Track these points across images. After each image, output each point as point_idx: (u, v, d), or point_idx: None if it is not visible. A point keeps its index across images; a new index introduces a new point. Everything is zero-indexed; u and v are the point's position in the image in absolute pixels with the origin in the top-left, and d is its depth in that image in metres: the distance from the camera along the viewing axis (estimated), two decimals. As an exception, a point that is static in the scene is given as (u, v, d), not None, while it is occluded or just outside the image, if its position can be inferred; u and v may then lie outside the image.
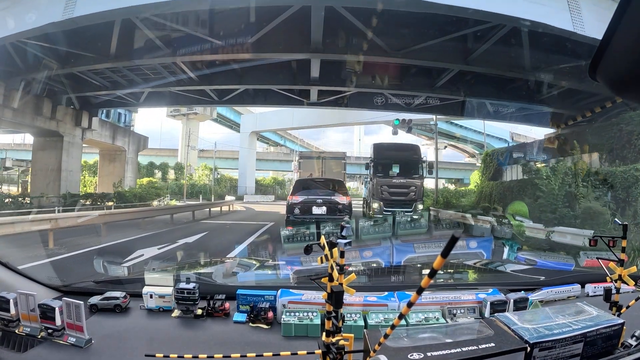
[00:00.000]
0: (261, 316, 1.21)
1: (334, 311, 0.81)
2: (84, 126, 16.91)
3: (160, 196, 22.07)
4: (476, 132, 35.03)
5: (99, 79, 13.82)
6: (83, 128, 17.07)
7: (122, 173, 21.02)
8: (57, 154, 16.07)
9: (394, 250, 2.21)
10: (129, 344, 1.09)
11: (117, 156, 21.44)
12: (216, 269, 2.12)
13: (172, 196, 26.90)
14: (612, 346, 0.93)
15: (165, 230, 10.51)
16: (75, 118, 16.51)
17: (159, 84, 13.78)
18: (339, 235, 0.86)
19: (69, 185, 16.54)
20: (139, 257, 5.38)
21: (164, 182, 32.22)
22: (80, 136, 17.22)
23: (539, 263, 2.04)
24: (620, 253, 1.15)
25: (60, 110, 15.27)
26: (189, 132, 32.75)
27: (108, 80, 13.98)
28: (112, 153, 21.49)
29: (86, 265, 4.14)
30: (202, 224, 12.68)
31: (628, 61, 0.58)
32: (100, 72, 12.98)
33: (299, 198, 8.30)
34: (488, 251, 2.38)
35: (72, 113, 16.28)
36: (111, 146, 20.82)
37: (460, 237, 0.55)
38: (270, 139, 48.28)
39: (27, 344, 1.04)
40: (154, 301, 1.31)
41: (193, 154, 36.21)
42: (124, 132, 21.86)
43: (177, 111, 36.34)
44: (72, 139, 16.65)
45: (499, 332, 0.87)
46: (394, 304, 1.27)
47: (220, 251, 7.53)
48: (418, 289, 0.60)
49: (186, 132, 33.57)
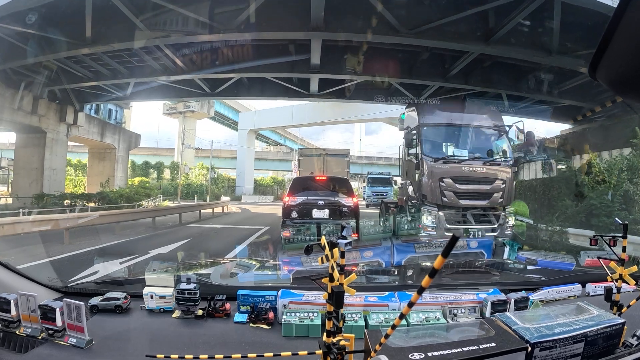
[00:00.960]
0: (262, 316, 1.22)
1: (335, 311, 0.81)
2: (69, 122, 15.75)
3: (151, 197, 20.89)
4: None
5: (80, 68, 12.72)
6: (68, 124, 15.87)
7: (112, 172, 20.00)
8: (40, 152, 15.02)
9: (394, 250, 2.21)
10: (129, 345, 1.09)
11: (106, 154, 20.36)
12: (217, 269, 2.12)
13: (166, 197, 26.04)
14: (613, 346, 0.93)
15: (142, 237, 9.27)
16: (59, 113, 15.43)
17: (144, 72, 12.73)
18: (340, 236, 0.86)
19: (53, 185, 15.40)
20: (92, 274, 4.25)
21: (159, 182, 31.28)
22: (65, 133, 16.06)
23: (540, 263, 2.04)
24: (621, 252, 1.15)
25: (42, 104, 14.23)
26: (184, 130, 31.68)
27: (90, 70, 12.93)
28: (102, 151, 20.42)
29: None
30: (188, 229, 11.45)
31: (628, 61, 0.58)
32: (79, 59, 11.92)
33: (297, 199, 7.17)
34: (488, 251, 2.38)
35: (56, 108, 15.23)
36: (100, 144, 19.71)
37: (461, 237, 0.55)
38: (270, 138, 48.12)
39: (28, 345, 1.04)
40: (154, 302, 1.31)
41: (190, 153, 35.49)
42: (113, 129, 20.72)
43: (174, 109, 35.61)
44: (56, 135, 15.53)
45: (499, 332, 0.87)
46: (395, 304, 1.27)
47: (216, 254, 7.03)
48: (419, 289, 0.60)
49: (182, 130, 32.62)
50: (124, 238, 8.91)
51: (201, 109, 35.08)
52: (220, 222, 13.98)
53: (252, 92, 14.90)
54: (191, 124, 35.83)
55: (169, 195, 27.84)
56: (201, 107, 34.86)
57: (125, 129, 22.61)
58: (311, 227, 6.72)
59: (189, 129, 34.25)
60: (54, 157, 15.64)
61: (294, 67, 11.83)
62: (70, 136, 16.72)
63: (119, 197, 17.22)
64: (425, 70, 11.84)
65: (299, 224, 6.81)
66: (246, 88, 14.66)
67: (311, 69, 11.56)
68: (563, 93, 11.82)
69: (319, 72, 11.88)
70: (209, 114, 37.48)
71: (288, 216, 7.03)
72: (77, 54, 10.98)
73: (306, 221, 6.88)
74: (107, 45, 10.29)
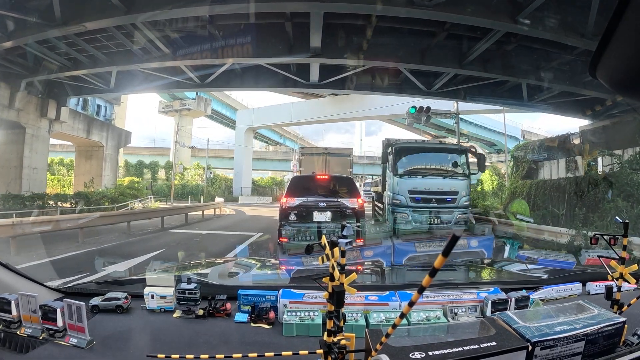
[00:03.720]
0: (262, 316, 1.22)
1: (336, 311, 0.81)
2: (51, 117, 14.58)
3: (139, 197, 19.59)
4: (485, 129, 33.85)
5: (55, 55, 11.70)
6: (50, 119, 14.73)
7: (100, 171, 18.92)
8: (19, 149, 13.91)
9: (394, 249, 2.21)
10: (130, 345, 1.09)
11: (94, 153, 19.22)
12: (217, 269, 2.12)
13: (158, 198, 24.91)
14: (613, 344, 0.93)
15: (111, 245, 8.21)
16: (40, 107, 14.27)
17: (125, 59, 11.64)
18: (340, 235, 0.86)
19: (33, 184, 14.29)
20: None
21: (149, 182, 30.18)
22: (46, 129, 14.88)
23: (540, 262, 2.04)
24: (622, 251, 1.15)
25: (21, 97, 13.15)
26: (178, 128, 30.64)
27: (66, 57, 11.94)
28: (89, 149, 19.28)
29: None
30: (168, 235, 10.20)
31: (628, 60, 0.59)
32: (52, 45, 10.98)
33: (296, 200, 6.49)
34: (489, 250, 2.38)
35: (37, 102, 14.14)
36: (86, 141, 18.60)
37: (461, 236, 0.55)
38: (269, 138, 48.00)
39: (29, 345, 1.04)
40: (155, 302, 1.31)
41: (185, 152, 34.70)
42: (101, 125, 19.61)
43: (170, 107, 34.99)
44: (36, 131, 14.38)
45: (500, 331, 0.87)
46: (395, 303, 1.27)
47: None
48: (419, 288, 0.60)
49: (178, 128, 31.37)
50: (89, 247, 7.61)
51: (198, 107, 34.36)
52: (208, 226, 12.81)
53: (245, 82, 13.46)
54: (187, 123, 34.99)
55: (163, 196, 26.87)
56: (198, 105, 34.17)
57: (115, 126, 21.58)
58: (311, 231, 6.22)
59: (185, 127, 33.30)
60: (34, 155, 14.51)
61: (292, 50, 10.50)
62: (52, 132, 15.57)
63: (101, 198, 15.93)
64: (439, 56, 10.62)
65: (297, 228, 6.23)
66: (239, 78, 13.26)
67: (311, 52, 10.26)
68: (587, 84, 10.62)
69: (320, 57, 10.56)
70: (206, 112, 36.74)
71: (286, 219, 6.36)
72: (47, 36, 9.93)
73: (306, 225, 6.29)
74: (79, 25, 9.19)
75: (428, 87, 12.85)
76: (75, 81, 13.80)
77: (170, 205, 20.15)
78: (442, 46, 10.37)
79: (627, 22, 0.55)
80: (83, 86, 14.07)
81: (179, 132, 29.29)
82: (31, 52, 11.30)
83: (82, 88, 14.34)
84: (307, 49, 10.25)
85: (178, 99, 34.51)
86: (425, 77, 12.48)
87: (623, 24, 0.55)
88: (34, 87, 13.82)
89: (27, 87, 13.34)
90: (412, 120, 14.99)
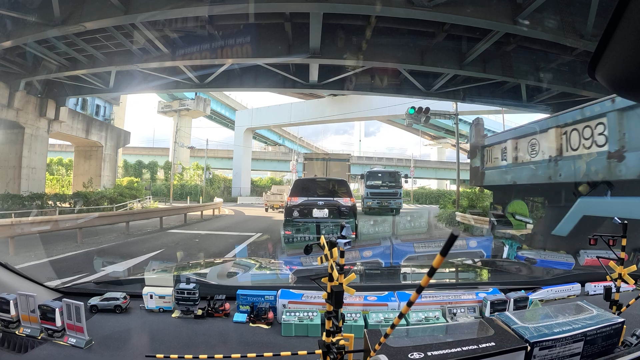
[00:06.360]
0: (261, 316, 1.22)
1: (334, 311, 0.81)
2: (49, 117, 14.71)
3: (138, 197, 19.68)
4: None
5: (54, 55, 11.76)
6: (49, 119, 14.84)
7: (99, 171, 19.06)
8: (18, 149, 14.01)
9: (393, 249, 2.21)
10: (129, 345, 1.09)
11: (93, 153, 19.35)
12: (216, 269, 2.12)
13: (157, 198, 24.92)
14: (612, 345, 0.93)
15: (110, 245, 8.25)
16: (39, 107, 14.37)
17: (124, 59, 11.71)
18: (339, 235, 0.86)
19: (32, 184, 14.36)
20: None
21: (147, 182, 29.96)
22: (45, 128, 14.99)
23: (539, 262, 2.04)
24: (620, 252, 1.15)
25: (20, 97, 13.24)
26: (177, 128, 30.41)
27: (66, 57, 12.00)
28: (88, 149, 19.40)
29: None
30: (167, 236, 10.16)
31: (627, 60, 0.59)
32: (52, 45, 11.04)
33: (298, 200, 7.75)
34: (488, 250, 2.38)
35: (36, 101, 14.25)
36: (85, 141, 18.74)
37: (459, 236, 0.55)
38: (268, 138, 48.04)
39: (28, 345, 1.04)
40: (154, 302, 1.31)
41: (184, 153, 34.65)
42: (100, 125, 19.69)
43: (169, 107, 34.99)
44: (35, 131, 14.47)
45: (499, 331, 0.87)
46: (394, 304, 1.27)
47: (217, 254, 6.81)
48: (418, 288, 0.60)
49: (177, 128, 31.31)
50: (86, 248, 7.67)
51: (197, 107, 34.37)
52: (207, 227, 12.81)
53: (244, 82, 13.62)
54: (186, 123, 35.02)
55: (162, 197, 26.93)
56: (197, 106, 34.17)
57: (114, 126, 21.67)
58: (311, 226, 7.25)
59: (184, 127, 33.37)
60: (33, 155, 14.62)
61: (291, 50, 10.68)
62: (51, 132, 15.66)
63: (100, 198, 16.04)
64: (439, 56, 10.81)
65: (300, 223, 7.33)
66: (238, 78, 13.52)
67: (310, 52, 10.42)
68: (587, 84, 10.78)
69: (319, 57, 10.74)
70: (205, 112, 36.80)
71: (290, 215, 7.59)
72: (46, 36, 9.98)
73: (307, 220, 7.43)
74: (78, 25, 9.24)
75: (427, 88, 12.93)
76: (74, 81, 13.84)
77: (169, 206, 20.17)
78: (442, 47, 10.58)
79: (627, 22, 0.55)
80: (82, 86, 14.11)
81: (178, 132, 29.16)
82: (30, 51, 11.34)
83: (81, 88, 14.38)
84: (306, 50, 10.36)
85: (177, 99, 34.47)
86: (424, 77, 12.54)
87: (622, 25, 0.55)
88: (33, 87, 13.83)
89: (26, 86, 13.36)
90: (411, 120, 15.27)
